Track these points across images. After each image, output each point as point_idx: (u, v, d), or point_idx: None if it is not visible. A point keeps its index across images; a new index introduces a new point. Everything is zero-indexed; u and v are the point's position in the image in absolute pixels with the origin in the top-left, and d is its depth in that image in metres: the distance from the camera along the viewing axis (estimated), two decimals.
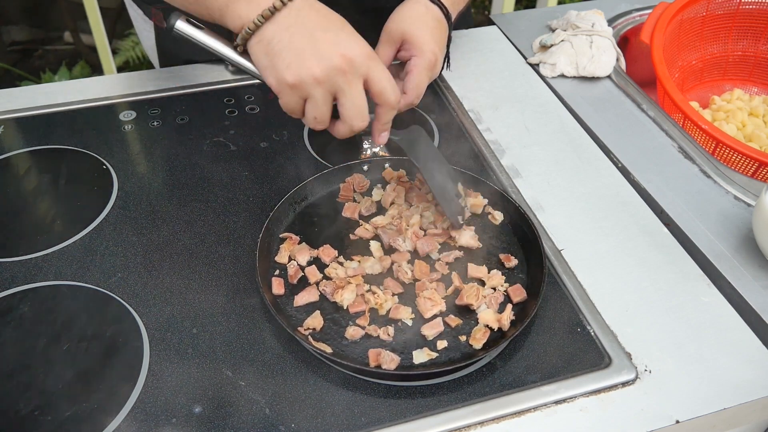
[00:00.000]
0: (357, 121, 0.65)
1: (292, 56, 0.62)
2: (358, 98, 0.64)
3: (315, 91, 0.63)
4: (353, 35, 0.64)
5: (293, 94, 0.64)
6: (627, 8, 1.20)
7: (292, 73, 0.62)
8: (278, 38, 0.63)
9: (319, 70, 0.62)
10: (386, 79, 0.65)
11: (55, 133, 0.91)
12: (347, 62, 0.62)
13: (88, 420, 0.59)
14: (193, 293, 0.70)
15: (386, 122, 0.69)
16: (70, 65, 2.26)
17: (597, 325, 0.68)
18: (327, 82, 0.62)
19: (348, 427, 0.59)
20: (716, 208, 0.82)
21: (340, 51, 0.62)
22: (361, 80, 0.64)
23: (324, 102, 0.64)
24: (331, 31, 0.63)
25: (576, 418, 0.60)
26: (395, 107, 0.67)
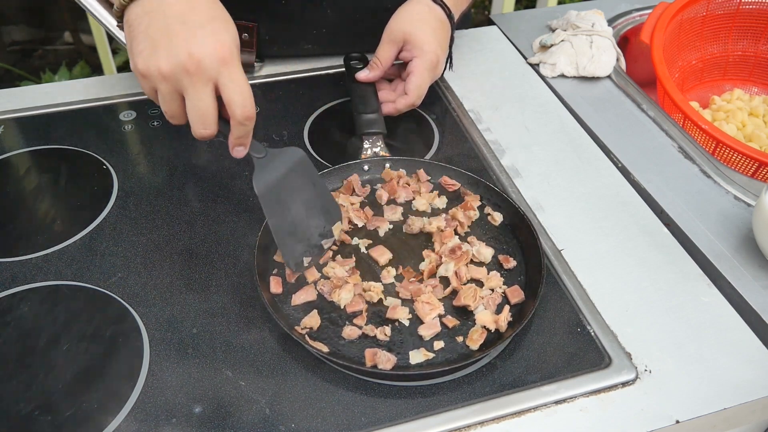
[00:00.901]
0: (198, 127, 0.61)
1: (146, 44, 0.59)
2: (200, 102, 0.60)
3: (161, 86, 0.60)
4: (215, 33, 0.59)
5: (145, 83, 0.62)
6: (627, 8, 1.20)
7: (142, 61, 0.59)
8: (138, 22, 0.60)
9: (165, 66, 0.58)
10: (237, 89, 0.60)
11: (55, 133, 0.91)
12: (195, 63, 0.58)
13: (88, 420, 0.59)
14: (193, 293, 0.70)
15: (238, 136, 0.63)
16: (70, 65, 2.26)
17: (597, 325, 0.68)
18: (172, 79, 0.59)
19: (348, 427, 0.59)
20: (716, 208, 0.82)
21: (190, 49, 0.57)
22: (209, 85, 0.59)
23: (171, 98, 0.61)
24: (190, 25, 0.58)
25: (576, 418, 0.60)
26: (243, 122, 0.62)
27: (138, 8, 0.60)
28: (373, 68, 0.88)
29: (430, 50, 0.83)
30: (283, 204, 0.68)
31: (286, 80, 1.02)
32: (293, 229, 0.69)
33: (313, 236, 0.70)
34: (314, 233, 0.71)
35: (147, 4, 0.60)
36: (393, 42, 0.85)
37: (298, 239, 0.69)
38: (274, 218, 0.67)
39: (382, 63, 0.87)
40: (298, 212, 0.69)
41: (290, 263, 0.68)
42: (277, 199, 0.68)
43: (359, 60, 0.93)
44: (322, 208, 0.71)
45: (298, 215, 0.69)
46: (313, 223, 0.70)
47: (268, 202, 0.67)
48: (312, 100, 0.98)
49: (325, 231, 0.72)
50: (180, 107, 0.62)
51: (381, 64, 0.87)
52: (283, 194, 0.68)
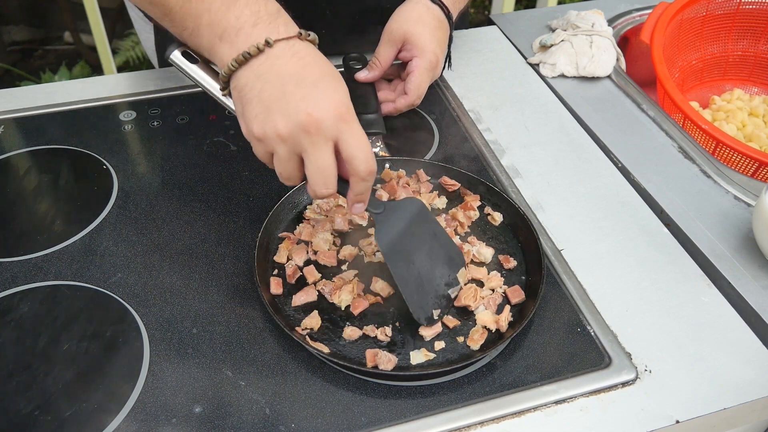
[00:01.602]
0: (319, 187, 0.59)
1: (260, 108, 0.58)
2: (322, 162, 0.58)
3: (279, 148, 0.59)
4: (330, 90, 0.58)
5: (261, 147, 0.60)
6: (627, 8, 1.20)
7: (258, 125, 0.58)
8: (250, 86, 0.59)
9: (283, 127, 0.57)
10: (358, 145, 0.58)
11: (55, 133, 0.91)
12: (314, 123, 0.56)
13: (88, 420, 0.59)
14: (193, 293, 0.70)
15: (358, 193, 0.62)
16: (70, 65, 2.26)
17: (597, 325, 0.68)
18: (291, 140, 0.58)
19: (348, 427, 0.59)
20: (716, 208, 0.82)
21: (308, 109, 0.56)
22: (329, 143, 0.58)
23: (288, 160, 0.59)
24: (305, 85, 0.57)
25: (576, 418, 0.60)
26: (365, 179, 0.60)
27: (248, 72, 0.59)
28: (373, 68, 0.88)
29: (430, 50, 0.83)
30: (407, 258, 0.67)
31: None
32: (420, 282, 0.67)
33: (440, 287, 0.68)
34: (440, 283, 0.68)
35: (257, 68, 0.58)
36: (392, 42, 0.85)
37: (425, 292, 0.67)
38: (400, 274, 0.65)
39: (382, 63, 0.87)
40: (423, 265, 0.67)
41: (421, 318, 0.65)
42: (402, 254, 0.66)
43: (358, 60, 0.93)
44: (446, 257, 0.70)
45: (423, 268, 0.67)
46: (438, 273, 0.68)
47: (393, 258, 0.65)
48: None
49: (450, 280, 0.69)
50: (298, 168, 0.60)
51: (380, 64, 0.87)
52: (406, 248, 0.67)
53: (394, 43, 0.85)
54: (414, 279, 0.66)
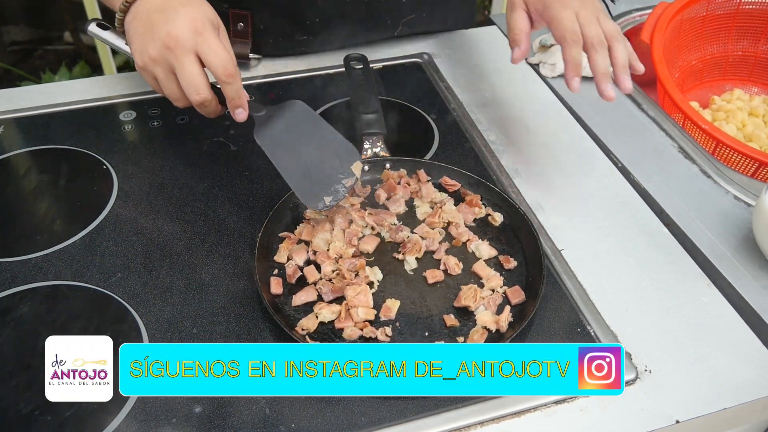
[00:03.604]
0: (191, 94, 0.67)
1: (137, 42, 0.68)
2: (187, 71, 0.66)
3: (156, 70, 0.67)
4: (188, 12, 0.66)
5: (146, 75, 0.69)
6: (627, 8, 1.20)
7: (137, 57, 0.68)
8: (129, 27, 0.69)
9: (153, 51, 0.66)
10: (213, 52, 0.66)
11: (55, 133, 0.91)
12: (173, 39, 0.65)
13: (88, 420, 0.59)
14: (193, 293, 0.70)
15: (230, 97, 0.69)
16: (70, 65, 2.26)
17: (597, 325, 0.68)
18: (161, 60, 0.66)
19: (348, 427, 0.59)
20: (716, 208, 0.82)
21: (167, 29, 0.65)
22: (191, 55, 0.66)
23: (167, 79, 0.68)
24: (167, 12, 0.66)
25: (576, 418, 0.60)
26: (226, 80, 0.67)
27: (129, 16, 0.70)
28: (523, 45, 0.80)
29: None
30: (290, 150, 0.71)
31: (285, 80, 1.02)
32: (307, 171, 0.71)
33: (331, 176, 0.72)
34: (332, 173, 0.72)
35: (134, 10, 0.69)
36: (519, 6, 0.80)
37: (314, 180, 0.71)
38: (283, 165, 0.70)
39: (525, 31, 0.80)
40: (311, 156, 0.72)
41: (310, 203, 0.71)
42: (283, 147, 0.71)
43: (359, 60, 0.93)
44: (337, 150, 0.73)
45: (310, 159, 0.72)
46: (328, 164, 0.72)
47: (273, 149, 0.71)
48: (312, 100, 0.98)
49: (343, 170, 0.73)
50: (177, 86, 0.68)
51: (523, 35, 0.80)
52: (290, 142, 0.71)
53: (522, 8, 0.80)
54: (299, 168, 0.71)
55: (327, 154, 0.73)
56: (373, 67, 0.96)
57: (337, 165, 0.73)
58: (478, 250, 0.74)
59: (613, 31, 0.76)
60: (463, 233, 0.76)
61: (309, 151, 0.72)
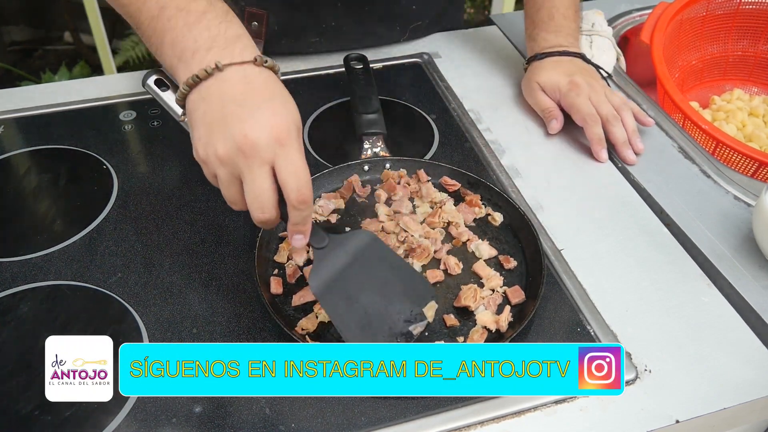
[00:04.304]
0: (255, 211, 0.57)
1: (203, 130, 0.56)
2: (257, 185, 0.56)
3: (219, 171, 0.57)
4: (272, 113, 0.56)
5: (206, 170, 0.59)
6: (627, 8, 1.20)
7: (201, 148, 0.57)
8: (196, 108, 0.57)
9: (221, 149, 0.55)
10: (292, 171, 0.56)
11: (55, 133, 0.91)
12: (249, 144, 0.54)
13: (88, 420, 0.59)
14: (193, 293, 0.70)
15: (294, 222, 0.59)
16: (70, 65, 2.26)
17: (597, 325, 0.68)
18: (228, 163, 0.56)
19: (348, 427, 0.59)
20: (716, 208, 0.82)
21: (244, 131, 0.54)
22: (265, 166, 0.55)
23: (229, 183, 0.57)
24: (247, 107, 0.55)
25: (576, 417, 0.60)
26: (297, 207, 0.57)
27: (196, 95, 0.57)
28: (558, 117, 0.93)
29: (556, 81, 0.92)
30: (349, 297, 0.63)
31: (285, 80, 1.02)
32: (367, 321, 0.62)
33: (396, 323, 0.64)
34: (398, 320, 0.64)
35: (204, 91, 0.57)
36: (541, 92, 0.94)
37: (374, 331, 0.63)
38: (338, 314, 0.62)
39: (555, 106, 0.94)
40: (372, 301, 0.63)
41: None
42: (341, 293, 0.62)
43: (359, 60, 0.93)
44: (406, 291, 0.65)
45: (372, 305, 0.63)
46: (394, 309, 0.64)
47: (328, 298, 0.62)
48: (312, 100, 0.98)
49: (412, 316, 0.65)
50: (239, 192, 0.58)
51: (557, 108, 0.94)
52: (348, 285, 0.63)
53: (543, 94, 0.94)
54: (357, 319, 0.62)
55: (393, 295, 0.64)
56: (373, 67, 0.96)
57: (405, 309, 0.64)
58: (478, 250, 0.74)
59: (620, 104, 0.90)
60: (463, 233, 0.76)
61: (370, 293, 0.63)
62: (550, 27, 0.95)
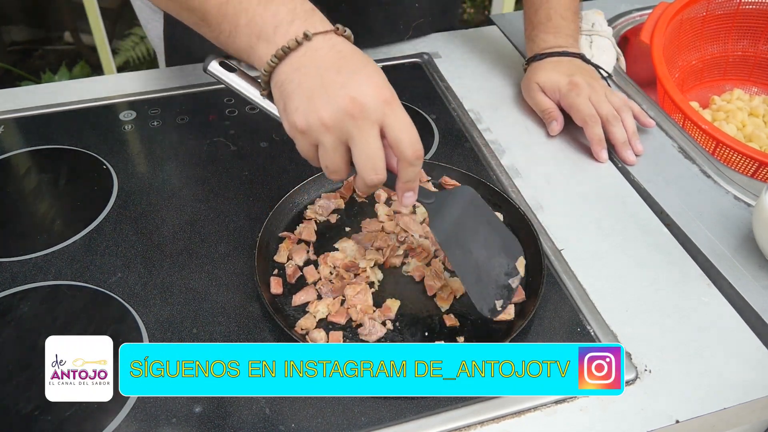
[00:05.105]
0: (369, 173, 0.57)
1: (301, 99, 0.56)
2: (370, 148, 0.56)
3: (324, 137, 0.56)
4: (371, 76, 0.57)
5: (304, 140, 0.58)
6: (627, 8, 1.20)
7: (300, 117, 0.56)
8: (290, 79, 0.57)
9: (327, 115, 0.55)
10: (403, 128, 0.57)
11: (55, 133, 0.91)
12: (358, 107, 0.55)
13: (88, 420, 0.59)
14: (193, 293, 0.70)
15: (407, 180, 0.60)
16: (70, 65, 2.26)
17: (597, 325, 0.68)
18: (336, 128, 0.56)
19: (348, 427, 0.59)
20: (716, 208, 0.82)
21: (350, 94, 0.55)
22: (375, 127, 0.56)
23: (334, 150, 0.57)
24: (345, 72, 0.56)
25: (576, 417, 0.60)
26: (413, 162, 0.58)
27: (287, 67, 0.58)
28: (558, 118, 0.93)
29: (556, 80, 0.92)
30: (464, 248, 0.65)
31: None
32: (479, 272, 0.65)
33: (499, 277, 0.66)
34: (500, 273, 0.66)
35: (296, 61, 0.57)
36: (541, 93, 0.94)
37: (485, 283, 0.65)
38: (459, 263, 0.64)
39: (554, 107, 0.94)
40: (481, 254, 0.65)
41: (484, 309, 0.64)
42: (458, 244, 0.64)
43: None
44: (503, 245, 0.68)
45: (481, 257, 0.65)
46: (496, 262, 0.66)
47: (451, 247, 0.64)
48: None
49: (509, 269, 0.67)
50: (344, 159, 0.58)
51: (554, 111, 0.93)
52: (462, 237, 0.65)
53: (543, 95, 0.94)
54: (473, 269, 0.64)
55: (494, 250, 0.66)
56: None
57: (503, 263, 0.67)
58: None
59: (620, 105, 0.90)
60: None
61: (478, 247, 0.65)
62: (548, 28, 0.95)
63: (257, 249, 0.70)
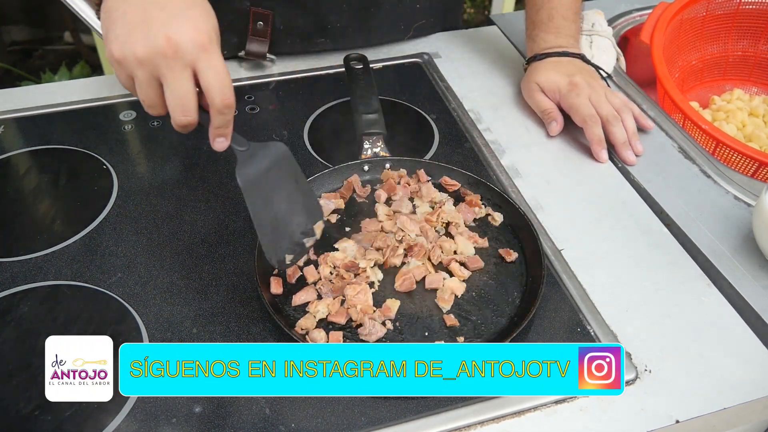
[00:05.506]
0: (178, 113, 0.59)
1: (122, 30, 0.57)
2: (179, 87, 0.57)
3: (137, 71, 0.57)
4: (194, 19, 0.56)
5: (120, 71, 0.59)
6: (627, 8, 1.20)
7: (117, 47, 0.57)
8: (116, 8, 0.57)
9: (141, 50, 0.56)
10: (216, 75, 0.57)
11: (55, 133, 0.91)
12: (172, 47, 0.55)
13: (88, 420, 0.59)
14: (193, 293, 0.70)
15: (217, 126, 0.60)
16: (70, 65, 2.26)
17: (597, 325, 0.68)
18: (149, 64, 0.56)
19: (348, 427, 0.59)
20: (716, 208, 0.82)
21: (167, 33, 0.55)
22: (187, 69, 0.57)
23: (148, 85, 0.58)
24: (168, 10, 0.56)
25: (576, 417, 0.60)
26: (222, 111, 0.59)
27: None
28: (558, 118, 0.93)
29: (554, 80, 0.92)
30: (266, 198, 0.66)
31: (286, 80, 1.02)
32: (276, 224, 0.67)
33: (295, 234, 0.68)
34: (296, 230, 0.68)
35: None
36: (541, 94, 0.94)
37: (280, 235, 0.67)
38: (257, 212, 0.65)
39: (555, 107, 0.94)
40: (281, 208, 0.67)
41: (272, 259, 0.66)
42: (260, 193, 0.66)
43: (359, 60, 0.93)
44: (305, 206, 0.69)
45: (280, 211, 0.67)
46: (295, 220, 0.68)
47: (252, 194, 0.65)
48: (312, 100, 0.98)
49: (307, 229, 0.69)
50: (158, 94, 0.59)
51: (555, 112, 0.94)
52: (266, 188, 0.66)
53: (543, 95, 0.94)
54: (270, 219, 0.66)
55: (296, 208, 0.68)
56: (373, 67, 0.96)
57: (302, 222, 0.68)
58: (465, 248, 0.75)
59: (620, 105, 0.90)
60: (464, 233, 0.76)
61: (281, 201, 0.67)
62: (549, 28, 0.95)
63: (257, 249, 0.70)
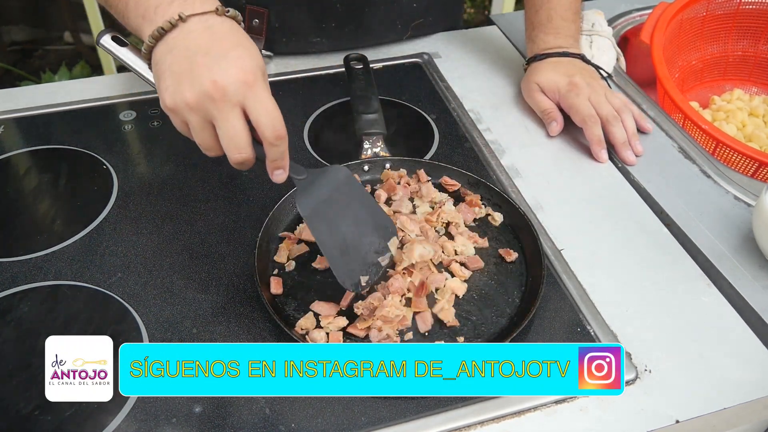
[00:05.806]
0: (233, 152, 0.60)
1: (171, 80, 0.59)
2: (230, 128, 0.59)
3: (190, 117, 0.59)
4: (237, 59, 0.58)
5: (175, 118, 0.61)
6: (627, 8, 1.20)
7: (168, 97, 0.59)
8: (162, 60, 0.60)
9: (190, 97, 0.58)
10: (264, 111, 0.59)
11: (55, 133, 0.91)
12: (219, 90, 0.57)
13: (88, 420, 0.59)
14: (193, 293, 0.70)
15: (272, 159, 0.62)
16: (70, 65, 2.26)
17: (597, 325, 0.68)
18: (199, 109, 0.58)
19: (348, 427, 0.59)
20: (716, 208, 0.82)
21: (213, 77, 0.57)
22: (236, 109, 0.58)
23: (201, 129, 0.60)
24: (212, 55, 0.58)
25: (576, 418, 0.60)
26: (274, 143, 0.60)
27: (162, 47, 0.60)
28: (558, 118, 0.93)
29: (553, 80, 0.92)
30: (331, 224, 0.67)
31: (285, 80, 1.02)
32: (345, 248, 0.67)
33: (368, 254, 0.68)
34: (369, 251, 0.68)
35: (170, 42, 0.59)
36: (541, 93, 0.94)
37: (351, 258, 0.67)
38: (323, 239, 0.66)
39: (554, 107, 0.94)
40: (349, 231, 0.67)
41: (346, 283, 0.66)
42: (325, 219, 0.66)
43: (359, 60, 0.93)
44: (375, 225, 0.69)
45: (349, 234, 0.67)
46: (366, 241, 0.68)
47: (315, 222, 0.66)
48: (312, 100, 0.98)
49: (380, 248, 0.69)
50: (212, 137, 0.61)
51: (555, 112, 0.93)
52: (330, 214, 0.67)
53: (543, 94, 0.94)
54: (338, 244, 0.66)
55: (366, 228, 0.68)
56: (373, 67, 0.96)
57: (375, 242, 0.69)
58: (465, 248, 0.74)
59: (620, 105, 0.91)
60: (464, 233, 0.76)
61: (348, 224, 0.67)
62: (548, 29, 0.95)
63: (257, 249, 0.70)
